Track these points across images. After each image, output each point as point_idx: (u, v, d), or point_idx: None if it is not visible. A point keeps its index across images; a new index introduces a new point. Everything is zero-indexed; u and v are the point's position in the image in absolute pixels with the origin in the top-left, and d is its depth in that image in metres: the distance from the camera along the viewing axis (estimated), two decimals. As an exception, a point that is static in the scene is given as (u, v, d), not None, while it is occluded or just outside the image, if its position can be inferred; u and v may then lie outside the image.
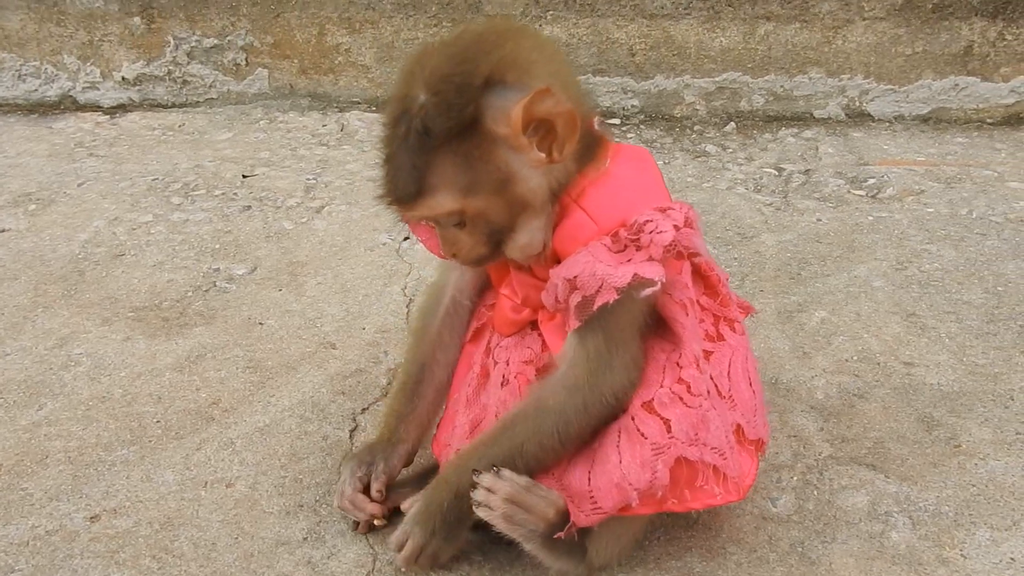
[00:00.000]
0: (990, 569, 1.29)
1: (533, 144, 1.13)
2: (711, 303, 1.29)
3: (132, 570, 1.33)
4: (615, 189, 1.19)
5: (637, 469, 1.14)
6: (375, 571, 1.32)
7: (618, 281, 1.11)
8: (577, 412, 1.19)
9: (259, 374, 1.76)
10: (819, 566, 1.30)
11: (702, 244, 1.18)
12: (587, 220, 1.17)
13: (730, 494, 1.18)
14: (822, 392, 1.67)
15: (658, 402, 1.17)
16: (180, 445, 1.58)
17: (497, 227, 1.18)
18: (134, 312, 1.97)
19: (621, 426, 1.18)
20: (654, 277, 1.11)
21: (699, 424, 1.16)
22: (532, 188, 1.16)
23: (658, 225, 1.13)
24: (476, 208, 1.15)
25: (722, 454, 1.17)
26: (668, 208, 1.16)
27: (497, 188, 1.14)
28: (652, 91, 2.99)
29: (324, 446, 1.57)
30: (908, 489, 1.44)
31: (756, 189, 2.50)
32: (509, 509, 1.20)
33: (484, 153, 1.13)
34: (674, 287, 1.20)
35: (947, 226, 2.26)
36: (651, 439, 1.15)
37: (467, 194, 1.14)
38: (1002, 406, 1.62)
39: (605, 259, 1.14)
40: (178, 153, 2.77)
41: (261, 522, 1.41)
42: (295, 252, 2.21)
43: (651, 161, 1.27)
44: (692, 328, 1.20)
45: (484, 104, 1.11)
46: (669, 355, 1.20)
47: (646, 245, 1.13)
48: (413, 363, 1.43)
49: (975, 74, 2.88)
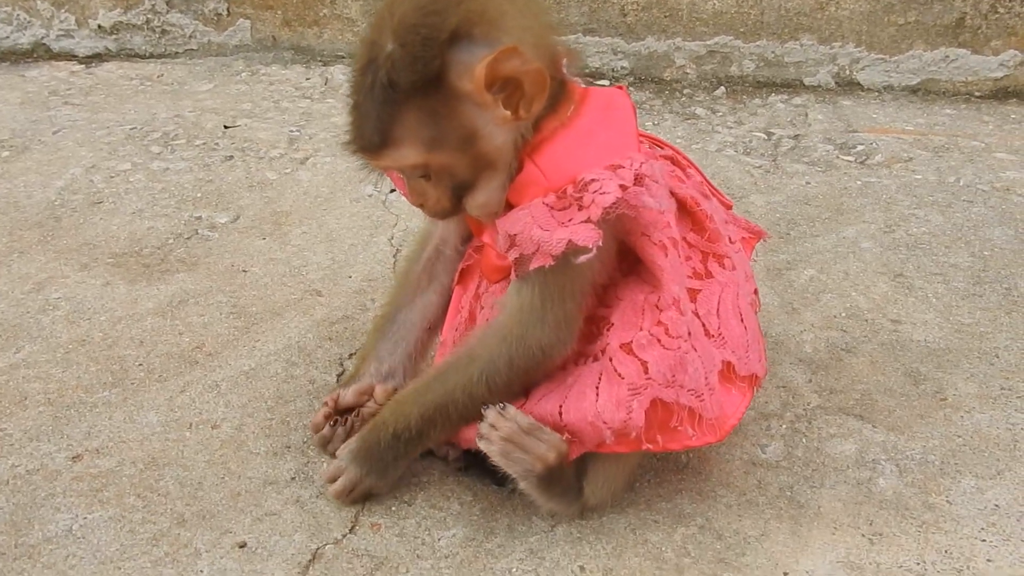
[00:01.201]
0: (975, 515, 1.30)
1: (499, 102, 1.11)
2: (699, 240, 1.28)
3: (116, 508, 1.31)
4: (571, 143, 1.17)
5: (612, 408, 1.14)
6: (365, 510, 1.31)
7: (553, 248, 1.11)
8: (504, 363, 1.20)
9: (244, 319, 1.73)
10: (807, 509, 1.31)
11: (661, 197, 1.16)
12: (538, 175, 1.15)
13: (706, 435, 1.18)
14: (810, 346, 1.67)
15: (636, 344, 1.16)
16: (163, 387, 1.55)
17: (461, 182, 1.17)
18: (113, 258, 1.94)
19: (602, 368, 1.17)
20: (588, 244, 1.10)
21: (676, 366, 1.15)
22: (497, 146, 1.15)
23: (602, 185, 1.11)
24: (440, 163, 1.14)
25: (699, 396, 1.16)
26: (620, 166, 1.14)
27: (462, 144, 1.13)
28: (643, 53, 2.97)
29: (311, 389, 1.55)
30: (895, 438, 1.44)
31: (745, 152, 2.49)
32: (506, 447, 1.19)
33: (449, 109, 1.11)
34: (653, 227, 1.18)
35: (934, 192, 2.27)
36: (628, 380, 1.14)
37: (431, 148, 1.13)
38: (987, 363, 1.63)
39: (543, 220, 1.13)
40: (157, 103, 2.72)
41: (248, 462, 1.39)
42: (279, 202, 2.17)
43: (621, 106, 1.23)
44: (672, 269, 1.18)
45: (449, 59, 1.09)
46: (648, 296, 1.19)
47: (587, 205, 1.11)
48: (390, 305, 1.44)
49: (966, 46, 2.88)
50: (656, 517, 1.30)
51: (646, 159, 1.16)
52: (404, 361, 1.42)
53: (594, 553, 1.24)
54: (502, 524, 1.29)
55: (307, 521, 1.29)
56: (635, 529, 1.28)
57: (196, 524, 1.28)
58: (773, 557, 1.23)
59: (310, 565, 1.22)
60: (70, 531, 1.27)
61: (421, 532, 1.27)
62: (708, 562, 1.23)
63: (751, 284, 1.33)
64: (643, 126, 2.64)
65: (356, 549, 1.25)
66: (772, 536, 1.26)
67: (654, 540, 1.26)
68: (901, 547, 1.25)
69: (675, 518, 1.29)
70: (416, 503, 1.32)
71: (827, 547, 1.25)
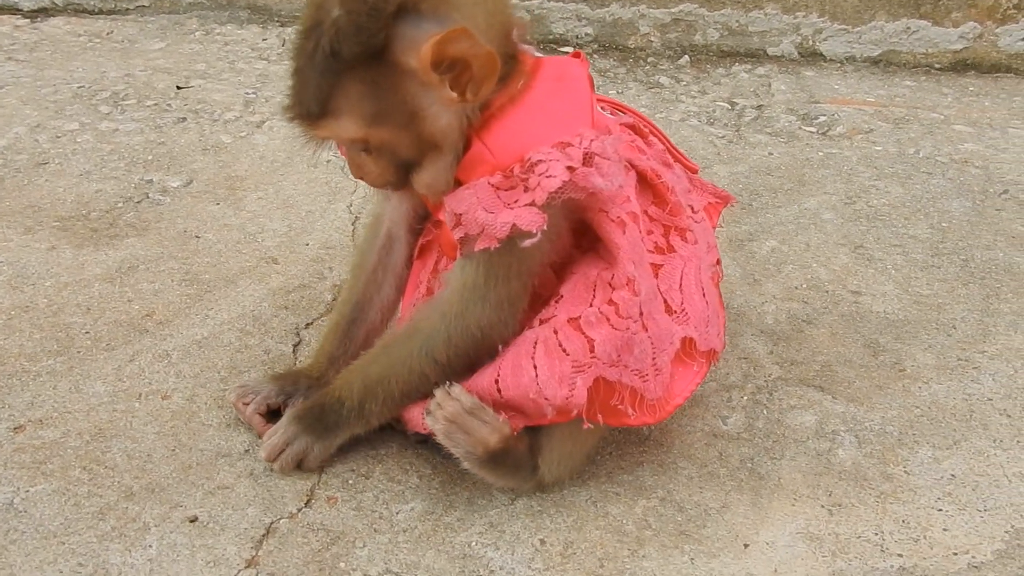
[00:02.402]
0: (932, 485, 1.31)
1: (445, 82, 1.08)
2: (660, 213, 1.26)
3: (61, 481, 1.26)
4: (520, 120, 1.13)
5: (555, 384, 1.12)
6: (321, 483, 1.28)
7: (498, 232, 1.09)
8: (443, 340, 1.19)
9: (196, 287, 1.68)
10: (768, 480, 1.31)
11: (612, 175, 1.12)
12: (486, 154, 1.12)
13: (645, 416, 1.17)
14: (772, 317, 1.67)
15: (585, 320, 1.14)
16: (111, 356, 1.50)
17: (404, 159, 1.14)
18: (59, 222, 1.86)
19: (539, 336, 1.15)
20: (532, 228, 1.08)
21: (623, 346, 1.14)
22: (442, 127, 1.12)
23: (549, 167, 1.08)
24: (380, 139, 1.11)
25: (643, 376, 1.15)
26: (569, 144, 1.10)
27: (404, 122, 1.10)
28: (607, 19, 2.93)
29: (266, 360, 1.51)
30: (855, 410, 1.45)
31: (709, 122, 2.47)
32: (449, 428, 1.17)
33: (392, 84, 1.08)
34: (611, 203, 1.16)
35: (895, 164, 2.27)
36: (573, 356, 1.13)
37: (372, 123, 1.09)
38: (945, 334, 1.64)
39: (488, 202, 1.10)
40: (106, 61, 2.62)
41: (200, 434, 1.35)
42: (233, 166, 2.11)
43: (575, 76, 1.19)
44: (630, 247, 1.16)
45: (395, 33, 1.06)
46: (601, 273, 1.17)
47: (533, 188, 1.08)
48: (347, 303, 1.41)
49: (927, 18, 2.89)
50: (617, 489, 1.29)
51: (597, 135, 1.12)
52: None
53: (555, 526, 1.23)
54: (462, 497, 1.27)
55: (261, 495, 1.26)
56: (596, 502, 1.27)
57: (145, 498, 1.25)
58: (733, 529, 1.23)
59: (264, 540, 1.19)
60: (11, 504, 1.22)
61: (379, 506, 1.25)
62: (669, 534, 1.22)
63: (714, 254, 1.32)
64: (606, 94, 2.61)
65: (311, 523, 1.22)
66: (733, 508, 1.26)
67: (615, 513, 1.25)
68: (859, 517, 1.25)
69: (636, 490, 1.29)
70: (374, 476, 1.30)
71: (787, 518, 1.25)
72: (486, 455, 1.18)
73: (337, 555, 1.18)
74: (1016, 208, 2.08)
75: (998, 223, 2.01)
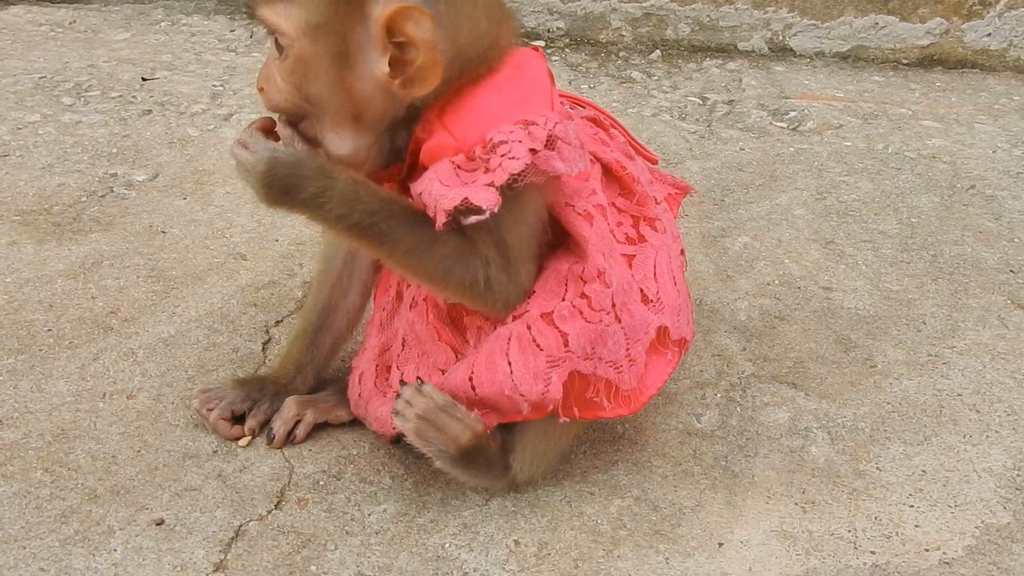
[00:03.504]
0: (903, 481, 1.32)
1: (387, 54, 1.05)
2: (628, 204, 1.25)
3: (21, 483, 1.23)
4: (482, 100, 1.11)
5: (530, 380, 1.11)
6: (291, 484, 1.26)
7: (447, 204, 1.06)
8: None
9: (162, 283, 1.65)
10: (742, 479, 1.31)
11: (573, 160, 1.09)
12: (448, 138, 1.09)
13: (620, 408, 1.17)
14: (744, 314, 1.67)
15: (558, 315, 1.13)
16: (74, 355, 1.47)
17: (311, 96, 1.09)
18: (20, 216, 1.82)
19: (512, 332, 1.14)
20: (483, 205, 1.04)
21: (597, 339, 1.13)
22: (365, 93, 1.08)
23: (511, 148, 1.05)
24: (303, 52, 1.07)
25: (617, 368, 1.15)
26: (533, 122, 1.07)
27: (334, 56, 1.06)
28: (578, 13, 2.92)
29: (235, 358, 1.48)
30: (827, 406, 1.45)
31: (681, 117, 2.47)
32: (421, 426, 1.15)
33: (349, 14, 1.05)
34: (577, 196, 1.15)
35: (864, 160, 2.29)
36: (547, 351, 1.12)
37: (307, 31, 1.05)
38: (915, 329, 1.65)
39: (445, 178, 1.08)
40: (69, 51, 2.55)
41: (166, 435, 1.33)
42: (201, 160, 2.07)
43: (533, 66, 1.17)
44: (599, 239, 1.15)
45: None
46: (572, 267, 1.16)
47: (494, 168, 1.06)
48: (313, 310, 1.39)
49: (894, 13, 2.91)
50: (592, 489, 1.28)
51: (561, 119, 1.10)
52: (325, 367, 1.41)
53: (529, 527, 1.22)
54: (435, 498, 1.25)
55: (229, 496, 1.23)
56: (570, 502, 1.26)
57: (109, 500, 1.22)
58: (708, 527, 1.23)
59: (232, 543, 1.17)
60: (-29, 510, 1.19)
61: (350, 507, 1.23)
62: (644, 534, 1.22)
63: (678, 244, 1.32)
64: (579, 89, 2.60)
65: (282, 526, 1.20)
66: (707, 506, 1.26)
67: (589, 512, 1.25)
68: (833, 515, 1.26)
69: (611, 490, 1.28)
70: (345, 477, 1.28)
71: (761, 516, 1.25)
72: (458, 453, 1.17)
73: (308, 558, 1.16)
74: (983, 203, 2.10)
75: (966, 218, 2.03)
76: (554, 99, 1.14)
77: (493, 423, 1.18)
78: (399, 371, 1.26)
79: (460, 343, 1.22)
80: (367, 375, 1.30)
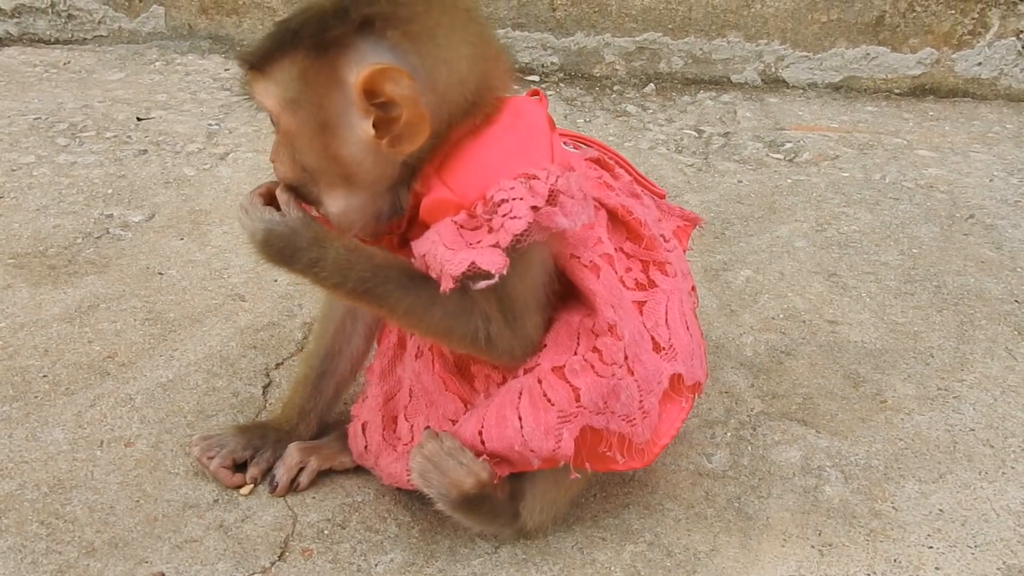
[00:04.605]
0: (920, 521, 1.30)
1: (371, 116, 1.04)
2: (636, 249, 1.23)
3: (16, 536, 1.20)
4: (481, 154, 1.09)
5: (540, 436, 1.09)
6: (295, 534, 1.23)
7: (454, 269, 1.04)
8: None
9: (160, 326, 1.62)
10: (756, 521, 1.28)
11: (576, 214, 1.06)
12: (448, 194, 1.07)
13: (633, 461, 1.14)
14: (751, 349, 1.65)
15: (569, 369, 1.11)
16: (71, 401, 1.44)
17: (307, 167, 1.09)
18: (15, 259, 1.79)
19: (523, 386, 1.11)
20: (491, 269, 1.02)
21: (609, 393, 1.11)
22: (355, 158, 1.07)
23: (513, 208, 1.03)
24: (288, 126, 1.08)
25: (631, 421, 1.13)
26: (535, 176, 1.05)
27: (315, 126, 1.06)
28: (572, 48, 2.93)
29: (235, 403, 1.45)
30: (839, 444, 1.43)
31: (677, 150, 2.47)
32: (425, 467, 1.13)
33: (324, 83, 1.05)
34: (582, 246, 1.13)
35: (862, 190, 2.29)
36: (558, 406, 1.09)
37: (287, 106, 1.07)
38: (923, 363, 1.64)
39: (449, 240, 1.06)
40: (63, 92, 2.55)
41: (165, 484, 1.29)
42: (197, 200, 2.05)
43: (533, 114, 1.15)
44: (606, 291, 1.13)
45: (352, 43, 1.03)
46: (583, 320, 1.13)
47: (497, 229, 1.04)
48: (316, 355, 1.37)
49: (885, 44, 2.93)
50: (603, 534, 1.25)
51: (562, 172, 1.07)
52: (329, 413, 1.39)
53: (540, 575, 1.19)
54: (443, 547, 1.22)
55: (232, 548, 1.20)
56: (582, 548, 1.23)
57: (107, 553, 1.18)
58: (724, 573, 1.20)
59: (236, 597, 1.13)
60: (-35, 567, 1.15)
61: (356, 557, 1.20)
62: (658, 580, 1.19)
63: (689, 282, 1.30)
64: (575, 123, 2.60)
65: (287, 578, 1.16)
66: (722, 551, 1.23)
67: (602, 559, 1.22)
68: (851, 557, 1.23)
69: (623, 535, 1.25)
70: (350, 525, 1.25)
71: (777, 560, 1.22)
72: (460, 498, 1.14)
73: (314, 611, 1.12)
74: (983, 232, 2.10)
75: (967, 248, 2.03)
76: (555, 149, 1.12)
77: (504, 472, 1.15)
78: (408, 422, 1.23)
79: (468, 392, 1.20)
80: (372, 426, 1.27)
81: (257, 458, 1.30)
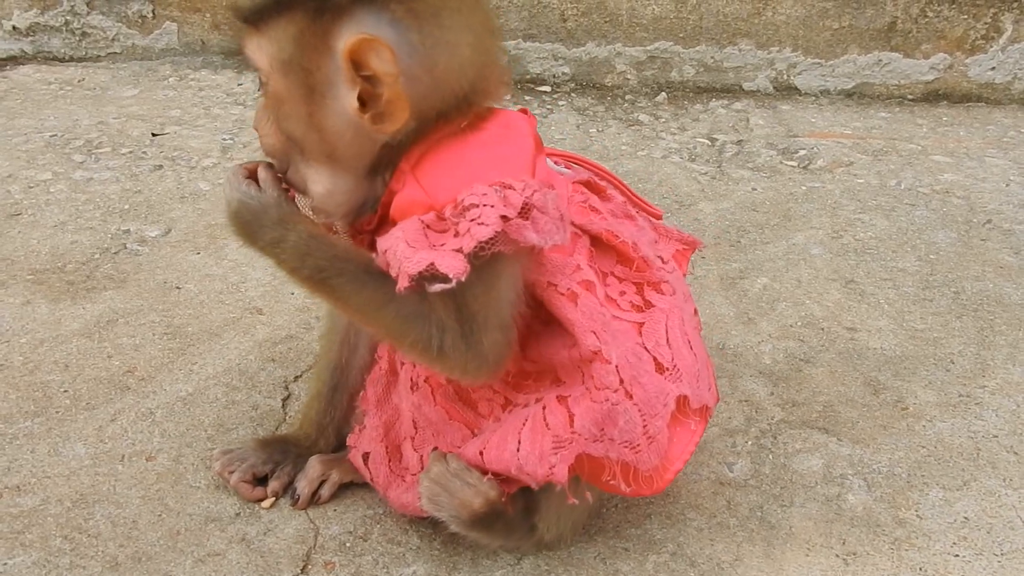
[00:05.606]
0: (945, 528, 1.28)
1: (356, 87, 1.01)
2: (627, 271, 1.17)
3: (41, 552, 1.20)
4: (458, 159, 1.05)
5: (535, 461, 1.06)
6: (317, 547, 1.22)
7: (411, 268, 1.00)
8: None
9: (179, 340, 1.63)
10: (779, 530, 1.27)
11: (548, 232, 1.02)
12: (421, 194, 1.04)
13: (641, 488, 1.09)
14: (769, 357, 1.65)
15: (572, 397, 1.08)
16: (92, 416, 1.44)
17: (289, 133, 1.07)
18: (34, 275, 1.80)
19: (530, 413, 1.09)
20: (449, 273, 0.97)
21: (604, 419, 1.06)
22: (337, 130, 1.04)
23: (482, 214, 0.99)
24: (276, 88, 1.05)
25: (634, 448, 1.07)
26: (510, 186, 1.00)
27: (304, 91, 1.03)
28: (583, 58, 2.93)
29: (254, 416, 1.45)
30: (861, 452, 1.42)
31: (691, 158, 2.47)
32: (433, 490, 1.13)
33: (317, 49, 1.01)
34: (560, 273, 1.09)
35: (877, 196, 2.28)
36: (553, 431, 1.07)
37: (279, 66, 1.03)
38: (944, 369, 1.63)
39: (412, 238, 1.02)
40: (79, 109, 2.57)
41: (187, 497, 1.30)
42: (213, 214, 2.06)
43: (521, 129, 1.12)
44: (585, 319, 1.08)
45: (351, 12, 1.00)
46: (570, 352, 1.10)
47: (462, 233, 0.99)
48: (325, 369, 1.36)
49: (898, 50, 2.93)
50: (626, 545, 1.25)
51: (541, 187, 1.02)
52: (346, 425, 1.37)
53: (564, 586, 1.18)
54: (465, 558, 1.22)
55: (254, 561, 1.20)
56: (605, 559, 1.23)
57: (130, 568, 1.18)
58: (748, 582, 1.19)
59: (260, 611, 1.13)
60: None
61: (378, 570, 1.20)
62: (682, 590, 1.18)
63: (690, 304, 1.24)
64: (587, 133, 2.60)
65: (309, 591, 1.16)
66: (746, 560, 1.22)
67: (625, 570, 1.21)
68: (876, 566, 1.22)
69: (646, 545, 1.25)
70: (372, 538, 1.24)
71: (802, 570, 1.21)
72: (471, 518, 1.13)
73: (337, 625, 1.12)
74: (1001, 238, 2.08)
75: (984, 253, 2.01)
76: (536, 165, 1.08)
77: (512, 490, 1.14)
78: (416, 453, 1.22)
79: (473, 418, 1.18)
80: (376, 457, 1.26)
81: (278, 472, 1.30)
